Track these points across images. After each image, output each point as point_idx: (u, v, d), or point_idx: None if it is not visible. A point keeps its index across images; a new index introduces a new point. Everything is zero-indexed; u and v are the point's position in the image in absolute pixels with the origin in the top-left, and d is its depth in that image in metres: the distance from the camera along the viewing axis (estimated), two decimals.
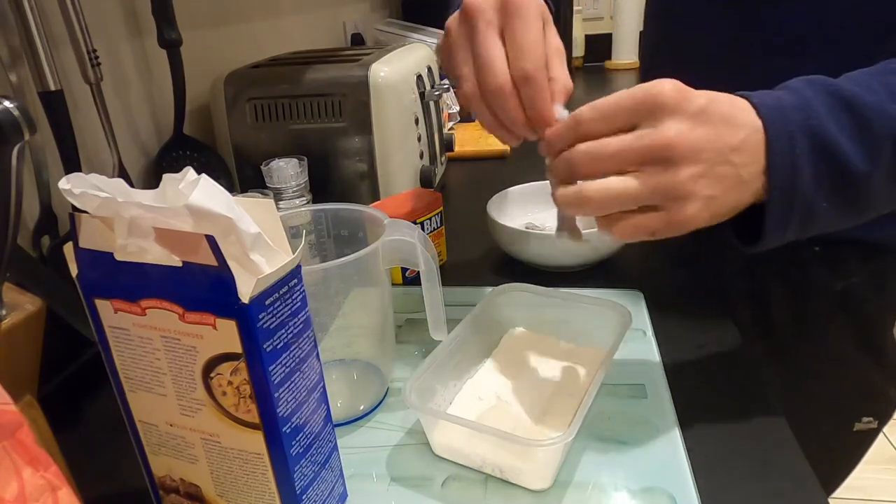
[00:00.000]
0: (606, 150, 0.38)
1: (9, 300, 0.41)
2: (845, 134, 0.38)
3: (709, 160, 0.37)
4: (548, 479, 0.41)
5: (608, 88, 1.86)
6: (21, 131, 0.35)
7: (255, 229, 0.31)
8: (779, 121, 0.39)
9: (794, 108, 0.39)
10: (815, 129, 0.38)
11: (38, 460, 0.26)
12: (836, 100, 0.39)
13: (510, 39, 0.42)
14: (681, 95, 0.37)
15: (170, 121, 0.76)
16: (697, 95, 0.38)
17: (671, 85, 0.37)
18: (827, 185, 0.39)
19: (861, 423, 0.73)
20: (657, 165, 0.37)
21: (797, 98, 0.40)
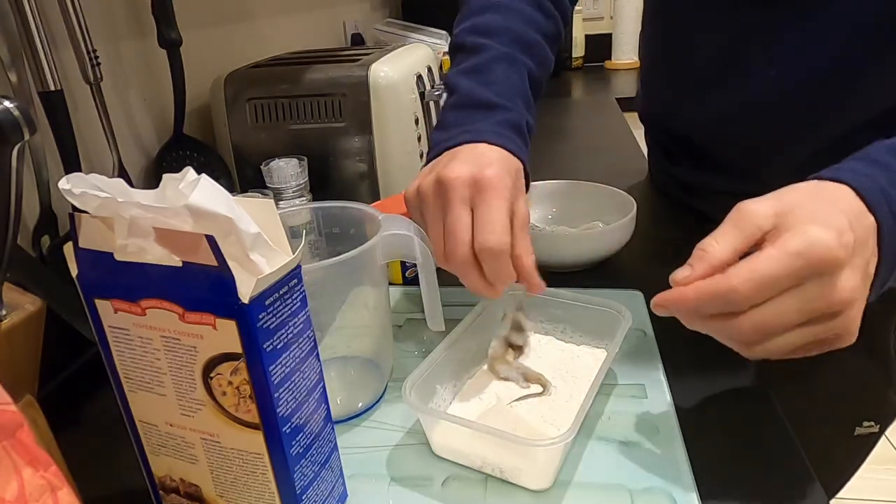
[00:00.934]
0: (779, 323, 0.36)
1: (9, 300, 0.41)
2: None
3: (863, 292, 0.37)
4: (548, 479, 0.41)
5: (608, 88, 1.86)
6: (21, 131, 0.35)
7: (255, 229, 0.31)
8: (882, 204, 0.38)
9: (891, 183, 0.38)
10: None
11: (38, 460, 0.26)
12: None
13: (477, 215, 0.43)
14: (844, 247, 0.35)
15: (170, 121, 0.76)
16: (843, 226, 0.36)
17: (835, 240, 0.35)
18: None
19: (862, 427, 0.73)
20: (830, 316, 0.36)
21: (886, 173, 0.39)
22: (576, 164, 1.11)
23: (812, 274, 0.35)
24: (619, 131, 1.30)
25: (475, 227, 0.45)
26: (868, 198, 0.37)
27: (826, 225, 0.35)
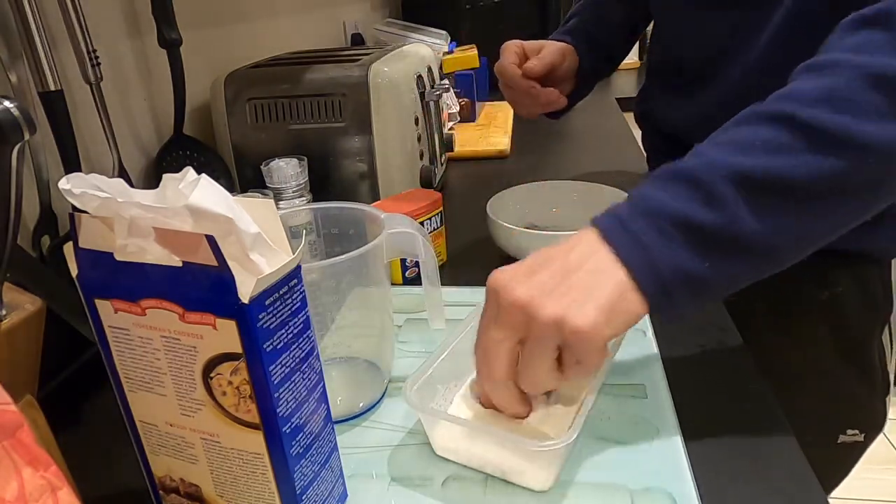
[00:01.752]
0: (489, 340, 0.41)
1: (9, 300, 0.41)
2: (680, 197, 0.39)
3: (554, 286, 0.39)
4: (550, 480, 0.41)
5: (608, 88, 1.86)
6: (21, 131, 0.35)
7: (255, 229, 0.31)
8: (611, 220, 0.41)
9: (626, 206, 0.41)
10: (645, 206, 0.40)
11: (38, 460, 0.26)
12: (665, 179, 0.41)
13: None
14: (503, 272, 0.41)
15: (170, 121, 0.76)
16: (519, 263, 0.42)
17: (495, 272, 0.41)
18: (692, 246, 0.39)
19: (846, 435, 0.73)
20: (525, 321, 0.39)
21: (628, 198, 0.42)
22: (576, 164, 1.11)
23: (494, 301, 0.41)
24: (619, 131, 1.30)
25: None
26: (598, 223, 0.42)
27: (509, 266, 0.42)
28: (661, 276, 0.39)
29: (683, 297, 0.40)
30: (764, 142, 0.39)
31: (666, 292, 0.39)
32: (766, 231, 0.38)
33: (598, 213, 0.43)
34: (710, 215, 0.38)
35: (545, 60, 0.79)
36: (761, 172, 0.38)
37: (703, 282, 0.39)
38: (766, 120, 0.40)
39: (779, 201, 0.38)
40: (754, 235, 0.38)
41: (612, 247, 0.40)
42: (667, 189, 0.40)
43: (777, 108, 0.40)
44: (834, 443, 0.73)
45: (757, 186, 0.38)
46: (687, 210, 0.39)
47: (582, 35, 0.84)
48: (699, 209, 0.39)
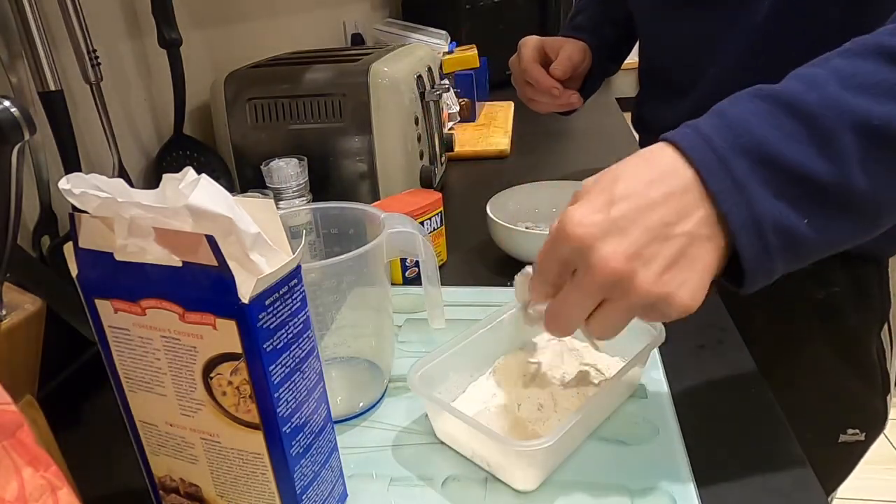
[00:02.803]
0: (567, 303, 0.37)
1: (9, 300, 0.41)
2: (788, 138, 0.34)
3: (654, 254, 0.34)
4: (531, 481, 0.41)
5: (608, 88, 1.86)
6: (21, 131, 0.35)
7: (255, 229, 0.31)
8: (705, 151, 0.35)
9: (718, 130, 0.35)
10: (749, 145, 0.34)
11: (38, 460, 0.26)
12: (772, 105, 0.35)
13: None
14: (586, 224, 0.34)
15: (170, 121, 0.76)
16: (600, 202, 0.35)
17: (574, 217, 0.35)
18: (796, 200, 0.34)
19: (847, 434, 0.73)
20: (616, 290, 0.35)
21: (719, 120, 0.36)
22: (576, 163, 1.11)
23: (571, 254, 0.35)
24: (619, 131, 1.30)
25: None
26: (684, 147, 0.35)
27: (586, 202, 0.35)
28: (764, 236, 0.34)
29: (782, 262, 0.35)
30: (889, 85, 0.34)
31: (767, 258, 0.35)
32: (877, 191, 0.34)
33: None
34: (826, 167, 0.33)
35: (574, 60, 0.80)
36: (887, 122, 0.33)
37: (804, 244, 0.35)
38: (888, 58, 0.34)
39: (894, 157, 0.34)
40: (865, 195, 0.34)
41: (713, 200, 0.34)
42: (777, 123, 0.34)
43: None
44: (835, 442, 0.73)
45: (883, 141, 0.33)
46: (802, 158, 0.34)
47: (594, 33, 0.84)
48: (815, 158, 0.33)
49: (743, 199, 0.34)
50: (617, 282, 0.34)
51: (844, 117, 0.33)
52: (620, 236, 0.34)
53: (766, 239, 0.34)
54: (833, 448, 0.74)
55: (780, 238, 0.34)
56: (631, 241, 0.34)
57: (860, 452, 0.75)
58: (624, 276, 0.34)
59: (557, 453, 0.42)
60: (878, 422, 0.75)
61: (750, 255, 0.35)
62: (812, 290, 0.67)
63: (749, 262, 0.35)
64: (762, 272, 0.35)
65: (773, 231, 0.34)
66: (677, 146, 0.36)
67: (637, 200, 0.35)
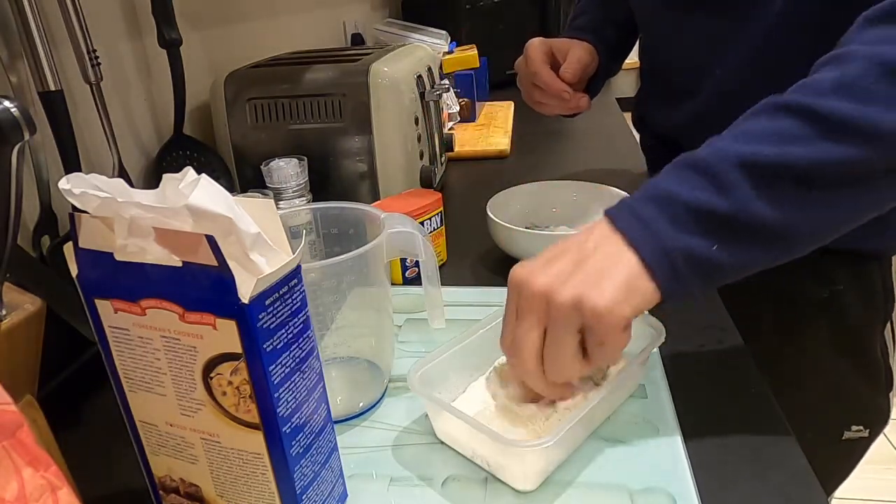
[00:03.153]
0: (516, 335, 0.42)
1: (9, 300, 0.41)
2: (690, 185, 0.40)
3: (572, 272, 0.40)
4: (531, 481, 0.41)
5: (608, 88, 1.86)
6: (21, 131, 0.35)
7: (255, 229, 0.31)
8: (622, 209, 0.42)
9: (637, 196, 0.43)
10: (656, 194, 0.41)
11: (38, 460, 0.26)
12: (678, 167, 0.42)
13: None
14: (523, 266, 0.43)
15: (170, 121, 0.76)
16: (539, 255, 0.43)
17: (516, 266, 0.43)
18: (702, 231, 0.39)
19: (851, 431, 0.73)
20: (547, 307, 0.40)
21: (641, 187, 0.43)
22: (576, 164, 1.11)
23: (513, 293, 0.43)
24: (619, 131, 1.30)
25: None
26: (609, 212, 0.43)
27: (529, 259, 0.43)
28: (672, 260, 0.40)
29: (694, 280, 0.40)
30: (777, 131, 0.40)
31: (677, 276, 0.40)
32: (778, 218, 0.39)
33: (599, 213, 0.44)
34: (722, 201, 0.39)
35: (583, 62, 0.79)
36: (774, 160, 0.38)
37: (714, 265, 0.40)
38: (780, 110, 0.40)
39: (792, 189, 0.39)
40: (766, 222, 0.39)
41: (622, 233, 0.41)
42: (677, 177, 0.41)
43: (792, 99, 0.40)
44: (839, 439, 0.73)
45: (769, 174, 0.39)
46: (698, 196, 0.40)
47: (598, 34, 0.83)
48: (711, 196, 0.39)
49: (649, 231, 0.40)
50: (541, 297, 0.40)
51: (732, 159, 0.39)
52: (545, 267, 0.41)
53: (675, 265, 0.40)
54: (837, 445, 0.74)
55: (689, 264, 0.40)
56: (555, 268, 0.41)
57: (863, 449, 0.76)
58: (548, 289, 0.40)
59: (558, 453, 0.42)
60: (881, 418, 0.75)
61: (662, 279, 0.40)
62: (815, 289, 0.68)
63: (662, 284, 0.40)
64: (677, 292, 0.41)
65: (681, 258, 0.40)
66: (606, 214, 0.43)
67: (562, 247, 0.43)
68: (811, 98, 0.39)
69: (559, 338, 0.40)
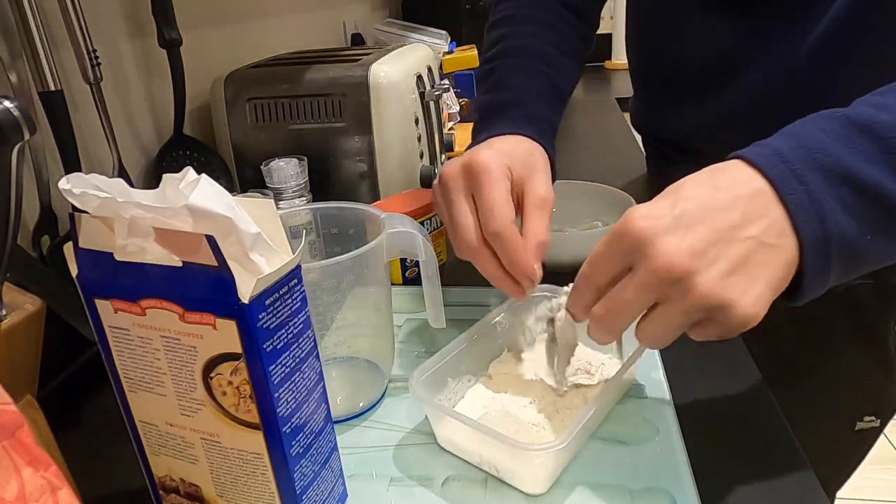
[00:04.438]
0: (621, 300, 0.36)
1: (9, 300, 0.41)
2: (864, 157, 0.34)
3: (718, 255, 0.33)
4: (542, 484, 0.41)
5: (608, 88, 1.86)
6: (21, 131, 0.35)
7: (255, 229, 0.31)
8: (778, 165, 0.35)
9: (791, 148, 0.35)
10: (824, 160, 0.34)
11: (38, 460, 0.26)
12: (845, 125, 0.35)
13: (478, 202, 0.43)
14: (649, 217, 0.34)
15: (170, 121, 0.76)
16: (666, 203, 0.35)
17: (637, 213, 0.35)
18: (865, 218, 0.34)
19: (863, 422, 0.74)
20: (675, 289, 0.33)
21: (792, 139, 0.36)
22: (576, 164, 1.11)
23: (631, 249, 0.34)
24: (619, 131, 1.30)
25: (479, 213, 0.46)
26: (756, 161, 0.35)
27: (650, 203, 0.35)
28: (829, 252, 0.34)
29: (836, 276, 0.35)
30: None
31: (827, 267, 0.35)
32: None
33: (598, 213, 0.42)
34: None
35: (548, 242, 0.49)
36: None
37: (862, 260, 0.35)
38: None
39: None
40: None
41: (788, 210, 0.34)
42: (852, 144, 0.35)
43: None
44: (852, 430, 0.74)
45: None
46: (880, 179, 0.34)
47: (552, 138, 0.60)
48: (891, 179, 0.34)
49: (816, 213, 0.34)
50: (677, 279, 0.33)
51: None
52: (685, 232, 0.33)
53: (830, 254, 0.34)
54: (851, 435, 0.75)
55: (841, 253, 0.34)
56: (695, 238, 0.33)
57: (873, 439, 0.77)
58: (685, 273, 0.32)
59: (567, 455, 0.42)
60: (892, 408, 0.76)
61: (812, 269, 0.34)
62: None
63: (810, 275, 0.34)
64: (818, 284, 0.35)
65: (837, 246, 0.34)
66: (748, 161, 0.36)
67: (703, 201, 0.34)
68: None
69: (678, 321, 0.35)
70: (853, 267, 0.36)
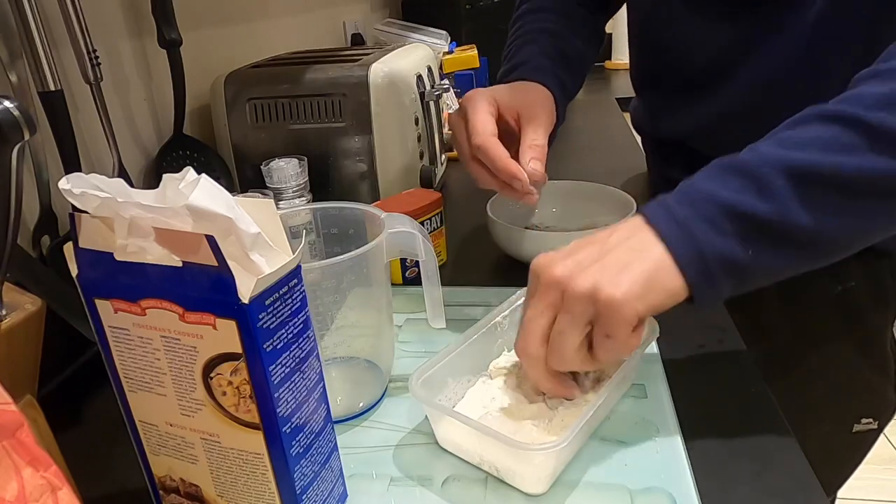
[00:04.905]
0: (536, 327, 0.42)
1: (9, 300, 0.41)
2: (732, 187, 0.40)
3: (589, 260, 0.40)
4: (543, 483, 0.41)
5: (608, 88, 1.86)
6: (21, 131, 0.35)
7: (255, 229, 0.31)
8: (655, 206, 0.42)
9: (673, 194, 0.42)
10: (695, 196, 0.41)
11: (38, 460, 0.26)
12: (718, 170, 0.42)
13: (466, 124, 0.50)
14: (547, 256, 0.42)
15: (170, 121, 0.76)
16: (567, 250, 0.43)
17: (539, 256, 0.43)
18: (739, 235, 0.39)
19: (861, 424, 0.74)
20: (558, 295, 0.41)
21: (679, 188, 0.43)
22: (576, 164, 1.11)
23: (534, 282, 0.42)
24: (619, 131, 1.30)
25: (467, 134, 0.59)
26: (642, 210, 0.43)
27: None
28: (705, 261, 0.39)
29: (725, 283, 0.40)
30: (824, 140, 0.39)
31: (708, 277, 0.40)
32: (817, 226, 0.39)
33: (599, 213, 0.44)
34: (763, 206, 0.39)
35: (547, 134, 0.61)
36: (819, 168, 0.38)
37: (746, 270, 0.40)
38: (826, 120, 0.40)
39: (835, 198, 0.39)
40: (805, 229, 0.39)
41: (654, 228, 0.41)
42: (718, 179, 0.41)
43: (839, 109, 0.40)
44: (849, 432, 0.75)
45: (814, 181, 0.39)
46: (739, 200, 0.39)
47: (555, 76, 0.68)
48: (751, 199, 0.39)
49: (685, 230, 0.40)
50: (556, 284, 0.40)
51: (776, 165, 0.39)
52: (567, 257, 0.41)
53: (709, 266, 0.39)
54: (849, 437, 0.75)
55: (723, 267, 0.40)
56: (575, 258, 0.41)
57: (871, 441, 0.77)
58: (563, 279, 0.40)
59: (568, 454, 0.42)
60: (890, 410, 0.76)
61: (694, 279, 0.40)
62: (828, 286, 0.68)
63: (696, 285, 0.40)
64: (709, 293, 0.40)
65: (716, 260, 0.39)
66: (639, 212, 0.43)
67: (589, 239, 0.43)
68: (861, 110, 0.39)
69: (568, 325, 0.40)
70: (751, 277, 0.41)
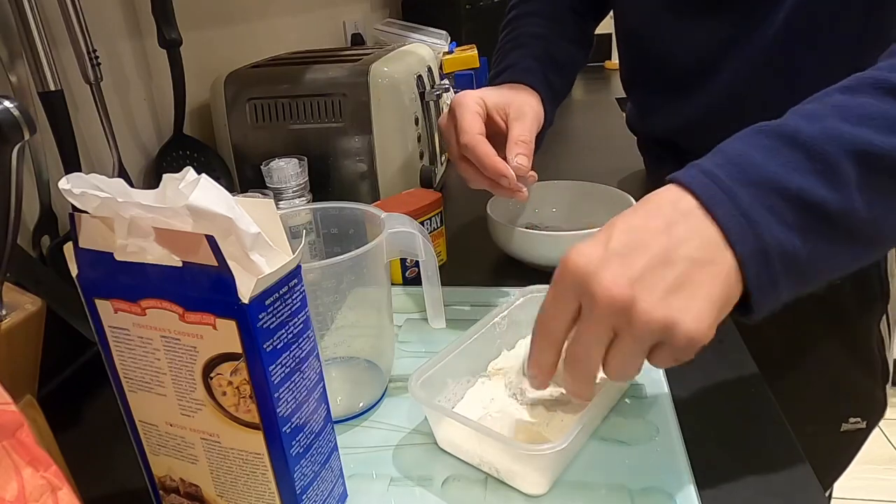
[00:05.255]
0: (581, 344, 0.36)
1: (9, 300, 0.41)
2: (791, 167, 0.34)
3: (655, 279, 0.34)
4: (543, 484, 0.41)
5: (608, 88, 1.86)
6: (21, 131, 0.35)
7: (255, 229, 0.31)
8: (706, 183, 0.35)
9: (718, 165, 0.36)
10: (751, 173, 0.35)
11: (38, 460, 0.26)
12: (773, 140, 0.36)
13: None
14: (586, 255, 0.35)
15: (170, 121, 0.76)
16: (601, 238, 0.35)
17: (574, 252, 0.35)
18: (800, 227, 0.34)
19: (849, 423, 0.74)
20: (621, 319, 0.34)
21: (720, 156, 0.37)
22: (576, 164, 1.11)
23: (574, 287, 0.35)
24: (619, 131, 1.30)
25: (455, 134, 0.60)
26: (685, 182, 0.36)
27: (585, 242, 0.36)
28: (771, 264, 0.34)
29: (785, 287, 0.35)
30: (887, 115, 0.34)
31: (773, 282, 0.34)
32: (875, 218, 0.35)
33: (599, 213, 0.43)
34: (832, 195, 0.34)
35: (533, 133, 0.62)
36: (881, 151, 0.34)
37: (806, 270, 0.35)
38: (883, 92, 0.35)
39: (891, 187, 0.34)
40: (865, 222, 0.34)
41: (718, 225, 0.34)
42: (779, 155, 0.35)
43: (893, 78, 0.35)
44: (837, 431, 0.75)
45: (879, 168, 0.34)
46: (806, 186, 0.34)
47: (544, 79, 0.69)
48: (820, 187, 0.34)
49: (747, 224, 0.34)
50: (621, 309, 0.33)
51: (844, 147, 0.34)
52: (621, 262, 0.34)
53: (771, 265, 0.34)
54: (836, 437, 0.75)
55: (785, 265, 0.34)
56: (631, 266, 0.34)
57: (861, 441, 0.77)
58: (627, 302, 0.33)
59: (568, 455, 0.42)
60: (878, 409, 0.76)
61: (757, 282, 0.34)
62: None
63: (756, 288, 0.35)
64: (769, 299, 0.35)
65: (778, 258, 0.34)
66: (678, 183, 0.36)
67: (636, 231, 0.35)
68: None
69: (634, 353, 0.35)
70: (804, 278, 0.36)
